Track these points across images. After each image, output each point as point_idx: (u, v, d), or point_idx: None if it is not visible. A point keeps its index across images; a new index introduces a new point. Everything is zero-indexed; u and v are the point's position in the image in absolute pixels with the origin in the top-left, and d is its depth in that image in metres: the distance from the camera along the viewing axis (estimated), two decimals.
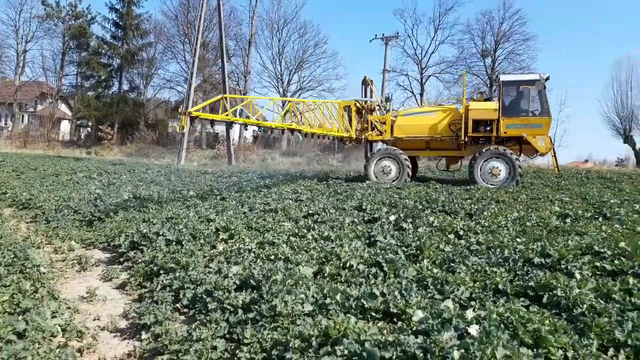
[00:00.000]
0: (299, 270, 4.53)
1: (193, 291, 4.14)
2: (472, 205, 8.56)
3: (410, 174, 14.68)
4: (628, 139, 33.33)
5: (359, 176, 16.36)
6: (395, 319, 3.46)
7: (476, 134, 13.99)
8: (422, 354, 2.67)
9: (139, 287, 4.78)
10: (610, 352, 2.84)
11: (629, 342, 2.86)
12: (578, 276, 4.19)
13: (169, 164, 25.58)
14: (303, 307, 3.49)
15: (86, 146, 39.33)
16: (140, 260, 5.34)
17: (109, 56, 43.28)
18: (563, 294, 3.60)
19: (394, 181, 14.26)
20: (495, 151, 13.43)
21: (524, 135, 13.38)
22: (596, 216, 7.70)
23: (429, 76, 41.96)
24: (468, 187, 12.27)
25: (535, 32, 54.23)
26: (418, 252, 5.21)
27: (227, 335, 3.36)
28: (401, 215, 7.45)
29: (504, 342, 2.74)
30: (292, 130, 13.65)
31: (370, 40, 40.20)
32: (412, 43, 42.53)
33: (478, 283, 4.08)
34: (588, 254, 4.92)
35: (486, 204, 8.88)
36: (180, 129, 10.30)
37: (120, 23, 42.32)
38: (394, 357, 2.67)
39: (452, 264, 4.76)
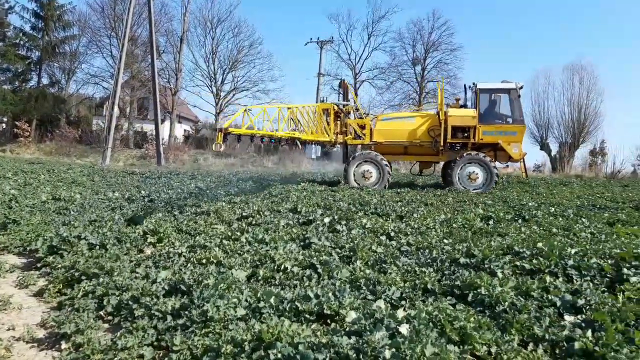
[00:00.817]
0: (232, 274, 4.44)
1: (118, 298, 3.92)
2: (403, 208, 8.83)
3: (390, 179, 14.79)
4: (544, 146, 35.92)
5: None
6: (329, 321, 3.47)
7: (454, 140, 14.33)
8: (354, 355, 2.69)
9: (59, 294, 4.45)
10: (530, 346, 3.02)
11: (547, 336, 3.05)
12: (500, 275, 4.43)
13: (92, 164, 24.21)
14: (236, 312, 3.41)
15: (0, 143, 36.29)
16: (59, 266, 4.98)
17: (27, 48, 40.19)
18: (487, 292, 3.78)
19: (374, 185, 14.28)
20: (474, 157, 13.95)
21: (500, 142, 13.98)
22: (516, 218, 8.21)
23: (363, 81, 43.06)
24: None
25: (462, 42, 57.03)
26: (351, 253, 5.27)
27: (155, 343, 3.21)
28: (335, 217, 7.53)
29: (432, 340, 2.82)
30: (293, 140, 13.25)
31: (306, 44, 40.61)
32: (347, 48, 43.55)
33: (408, 283, 4.19)
34: (509, 253, 5.21)
35: (416, 207, 9.20)
36: (217, 147, 9.79)
37: (41, 13, 39.40)
38: (327, 359, 2.67)
39: (384, 265, 4.87)
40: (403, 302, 3.80)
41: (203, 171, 21.26)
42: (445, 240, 5.99)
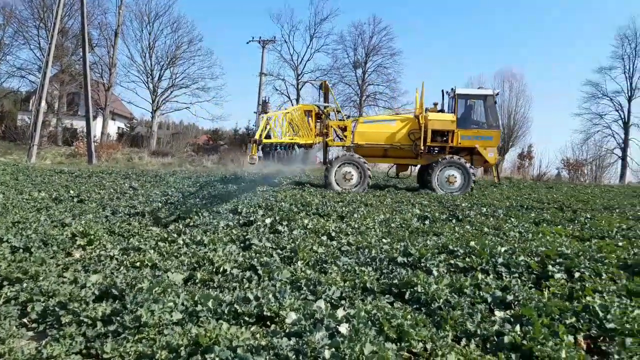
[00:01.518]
0: (168, 277, 4.28)
1: (44, 304, 3.66)
2: (344, 208, 8.93)
3: (370, 181, 14.75)
4: None
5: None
6: (269, 322, 3.43)
7: (434, 143, 14.52)
8: (294, 356, 2.67)
9: None
10: (463, 342, 3.13)
11: (478, 332, 3.18)
12: (435, 273, 4.57)
13: (16, 162, 22.60)
14: (172, 316, 3.28)
15: None
16: None
17: None
18: (423, 290, 3.89)
19: (355, 187, 14.16)
20: (452, 160, 14.13)
21: (477, 146, 14.30)
22: (450, 218, 8.53)
23: (305, 82, 43.14)
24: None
25: (401, 47, 58.82)
26: (293, 254, 5.25)
27: (84, 351, 3.02)
28: (277, 218, 7.48)
29: (371, 338, 2.86)
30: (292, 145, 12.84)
31: (248, 42, 40.04)
32: (289, 49, 43.38)
33: (348, 282, 4.23)
34: (444, 252, 5.40)
35: (356, 207, 9.33)
36: (252, 160, 9.25)
37: None
38: None
39: (324, 265, 4.89)
40: (343, 302, 3.83)
41: (138, 170, 20.43)
42: (384, 240, 6.11)
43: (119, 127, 43.55)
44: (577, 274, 4.58)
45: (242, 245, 5.85)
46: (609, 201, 12.50)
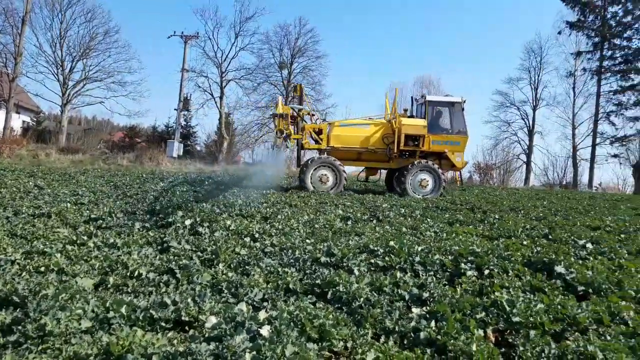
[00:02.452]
0: (77, 282, 3.98)
1: None
2: (268, 209, 8.86)
3: (346, 183, 14.98)
4: None
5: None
6: (187, 328, 3.31)
7: (406, 148, 14.94)
8: None
9: None
10: (382, 339, 3.21)
11: (396, 328, 3.28)
12: (357, 272, 4.66)
13: None
14: (80, 324, 3.06)
15: None
16: None
17: None
18: (344, 290, 3.95)
19: (331, 189, 14.42)
20: (425, 165, 14.86)
21: (446, 151, 14.96)
22: (371, 219, 8.76)
23: (229, 80, 42.34)
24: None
25: (326, 50, 59.72)
26: (214, 256, 5.11)
27: None
28: (197, 219, 7.25)
29: (293, 339, 2.85)
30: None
31: (169, 37, 38.64)
32: (213, 45, 42.23)
33: (271, 284, 4.20)
34: (365, 252, 5.53)
35: (280, 208, 9.30)
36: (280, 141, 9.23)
37: None
38: None
39: (247, 267, 4.81)
40: (265, 304, 3.79)
41: (45, 168, 18.93)
42: (307, 240, 6.14)
43: (24, 122, 40.13)
44: (486, 271, 4.88)
45: (159, 247, 5.60)
46: (515, 203, 13.49)
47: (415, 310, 3.72)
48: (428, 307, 3.77)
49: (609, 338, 3.27)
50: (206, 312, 3.38)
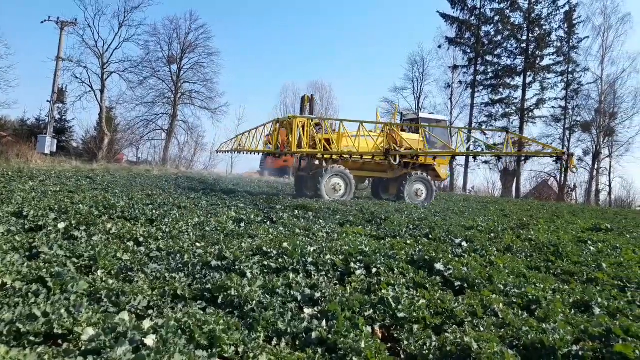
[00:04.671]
0: None
1: None
2: (154, 211, 8.38)
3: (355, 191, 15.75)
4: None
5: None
6: (60, 341, 2.98)
7: (405, 160, 16.25)
8: None
9: None
10: (274, 341, 3.18)
11: (289, 330, 3.27)
12: (249, 275, 4.58)
13: None
14: None
15: None
16: None
17: None
18: (236, 293, 3.85)
19: (342, 197, 15.30)
20: (421, 176, 16.47)
21: (435, 163, 16.76)
22: (265, 220, 8.71)
23: (112, 72, 39.35)
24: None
25: (219, 48, 58.45)
26: (92, 262, 4.68)
27: None
28: (73, 222, 6.60)
29: (180, 347, 2.70)
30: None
31: (42, 22, 35.05)
32: (94, 34, 38.85)
33: (157, 290, 3.95)
34: (258, 254, 5.46)
35: (168, 210, 8.85)
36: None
37: None
38: None
39: (130, 273, 4.48)
40: (151, 312, 3.56)
41: None
42: (197, 244, 5.91)
43: None
44: (374, 270, 5.09)
45: (27, 254, 5.00)
46: (400, 204, 14.34)
47: (307, 311, 3.74)
48: (320, 307, 3.82)
49: (482, 329, 3.58)
50: (82, 324, 3.07)
